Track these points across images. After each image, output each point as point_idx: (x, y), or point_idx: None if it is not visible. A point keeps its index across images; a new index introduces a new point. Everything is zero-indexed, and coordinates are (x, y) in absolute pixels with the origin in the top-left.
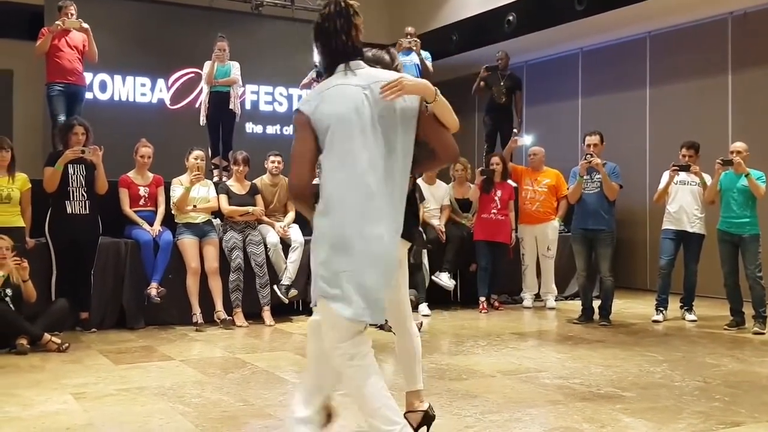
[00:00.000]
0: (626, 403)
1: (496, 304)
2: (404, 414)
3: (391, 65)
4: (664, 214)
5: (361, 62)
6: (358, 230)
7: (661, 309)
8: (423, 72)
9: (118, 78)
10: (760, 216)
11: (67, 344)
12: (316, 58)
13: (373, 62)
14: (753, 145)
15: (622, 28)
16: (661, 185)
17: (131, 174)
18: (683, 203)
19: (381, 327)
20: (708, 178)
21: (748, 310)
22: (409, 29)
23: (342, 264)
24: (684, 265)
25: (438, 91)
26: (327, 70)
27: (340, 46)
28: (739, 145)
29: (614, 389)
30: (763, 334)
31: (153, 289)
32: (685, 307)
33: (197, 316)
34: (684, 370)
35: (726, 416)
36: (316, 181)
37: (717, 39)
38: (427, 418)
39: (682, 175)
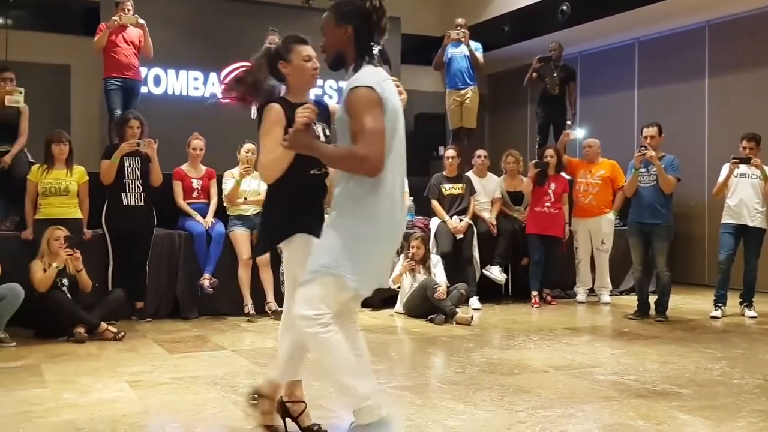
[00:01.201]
0: (683, 401)
1: (549, 298)
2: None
3: None
4: (724, 207)
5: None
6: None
7: (720, 305)
8: (473, 63)
9: (171, 72)
10: None
11: (123, 333)
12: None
13: None
14: None
15: (680, 17)
16: (721, 178)
17: (185, 167)
18: (743, 197)
19: (432, 320)
20: None
21: None
22: (459, 20)
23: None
24: (744, 260)
25: None
26: (356, 58)
27: (375, 41)
28: None
29: (671, 386)
30: None
31: (206, 280)
32: (745, 303)
33: (249, 306)
34: (743, 368)
35: None
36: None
37: None
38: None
39: (743, 168)
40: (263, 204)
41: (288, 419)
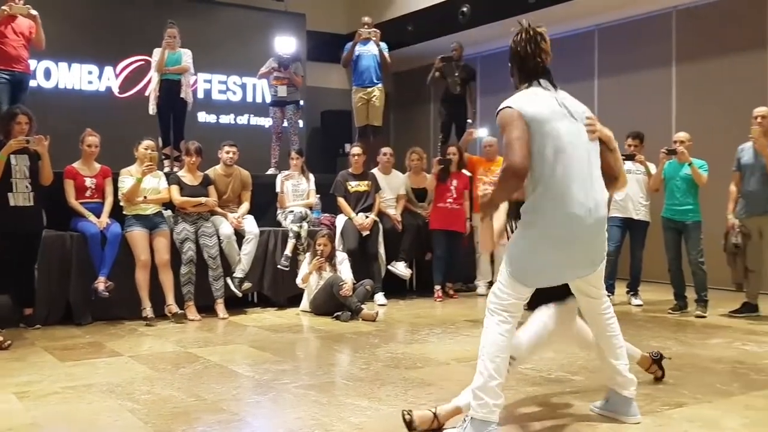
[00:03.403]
0: (576, 387)
1: (451, 292)
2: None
3: None
4: (611, 202)
5: (548, 82)
6: None
7: (609, 294)
8: (381, 62)
9: (63, 65)
10: (702, 203)
11: (9, 342)
12: (278, 48)
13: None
14: (694, 134)
15: (572, 21)
16: None
17: (77, 164)
18: (629, 191)
19: (338, 317)
20: (652, 167)
21: (691, 294)
22: (366, 19)
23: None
24: (630, 251)
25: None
26: (521, 85)
27: (532, 67)
28: (681, 135)
29: (564, 374)
30: (705, 317)
31: (101, 284)
32: (631, 292)
33: (147, 310)
34: None
35: (670, 397)
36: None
37: (662, 32)
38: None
39: (628, 164)
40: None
41: None
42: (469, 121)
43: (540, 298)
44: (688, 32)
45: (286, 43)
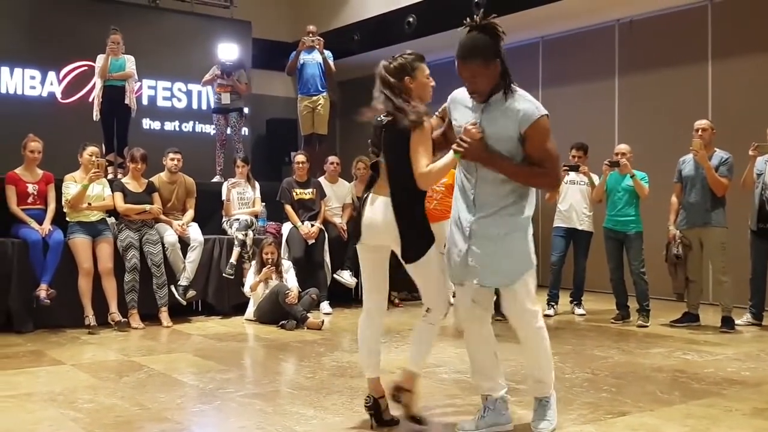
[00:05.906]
0: (521, 396)
1: (397, 301)
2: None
3: None
4: (555, 212)
5: None
6: None
7: (553, 303)
8: (326, 71)
9: (5, 69)
10: (644, 214)
11: None
12: (221, 54)
13: None
14: (636, 146)
15: (517, 32)
16: None
17: (19, 170)
18: (573, 202)
19: (283, 326)
20: (596, 178)
21: (633, 304)
22: (311, 28)
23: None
24: (573, 261)
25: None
26: (509, 84)
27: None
28: (623, 147)
29: (509, 382)
30: (647, 326)
31: (42, 291)
32: (575, 302)
33: (90, 318)
34: (574, 363)
35: (613, 406)
36: None
37: (605, 45)
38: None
39: (572, 175)
40: (400, 210)
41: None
42: None
43: None
44: (631, 44)
45: (228, 50)
